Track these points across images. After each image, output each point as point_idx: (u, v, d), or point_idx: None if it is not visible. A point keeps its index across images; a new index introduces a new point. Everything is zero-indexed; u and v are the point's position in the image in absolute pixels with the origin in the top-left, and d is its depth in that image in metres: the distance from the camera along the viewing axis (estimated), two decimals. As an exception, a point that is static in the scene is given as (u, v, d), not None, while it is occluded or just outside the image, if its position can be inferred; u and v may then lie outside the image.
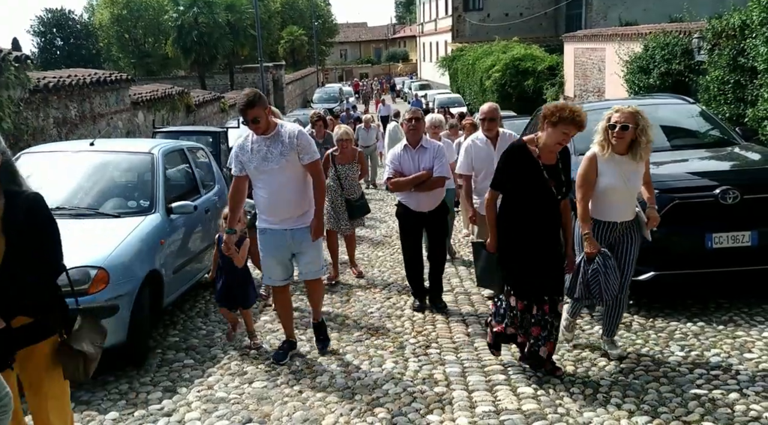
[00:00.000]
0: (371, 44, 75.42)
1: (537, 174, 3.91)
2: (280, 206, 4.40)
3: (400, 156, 5.41)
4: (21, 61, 7.86)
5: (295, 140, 4.30)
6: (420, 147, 5.38)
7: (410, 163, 5.35)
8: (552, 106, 3.98)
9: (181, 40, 28.50)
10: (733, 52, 9.06)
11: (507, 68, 21.99)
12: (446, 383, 4.18)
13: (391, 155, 5.51)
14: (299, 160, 4.33)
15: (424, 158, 5.35)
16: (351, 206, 6.71)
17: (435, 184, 5.34)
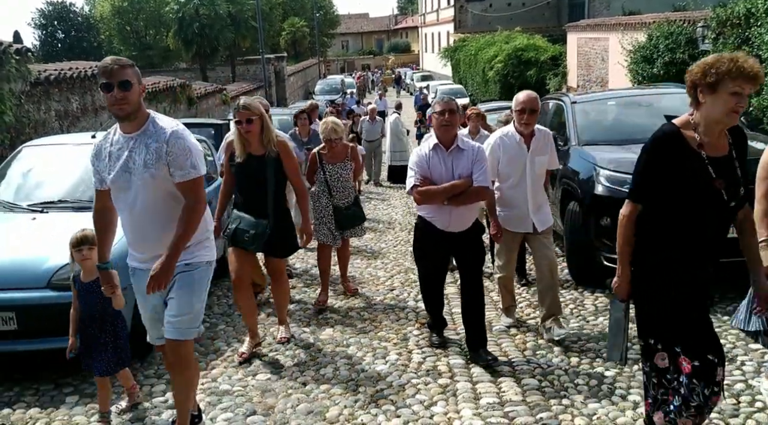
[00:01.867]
0: (373, 35, 75.14)
1: (700, 172, 2.64)
2: (145, 237, 3.17)
3: (429, 158, 4.21)
4: (22, 53, 7.83)
5: (165, 146, 3.00)
6: (455, 148, 4.21)
7: (442, 168, 4.18)
8: (699, 64, 2.71)
9: (183, 32, 28.36)
10: (738, 41, 8.98)
11: (509, 59, 21.86)
12: (450, 375, 4.17)
13: (417, 156, 4.27)
14: (170, 175, 3.04)
15: (460, 162, 4.18)
16: (339, 213, 5.64)
17: (475, 196, 4.19)
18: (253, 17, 29.11)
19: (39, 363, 4.42)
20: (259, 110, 4.30)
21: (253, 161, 4.38)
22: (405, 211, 10.20)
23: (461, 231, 4.26)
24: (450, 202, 4.12)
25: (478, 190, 4.16)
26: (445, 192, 4.12)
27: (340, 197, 5.67)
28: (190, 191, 3.06)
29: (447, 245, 4.33)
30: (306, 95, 34.46)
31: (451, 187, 4.12)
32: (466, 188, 4.14)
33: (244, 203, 4.51)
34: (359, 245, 7.98)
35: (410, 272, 6.62)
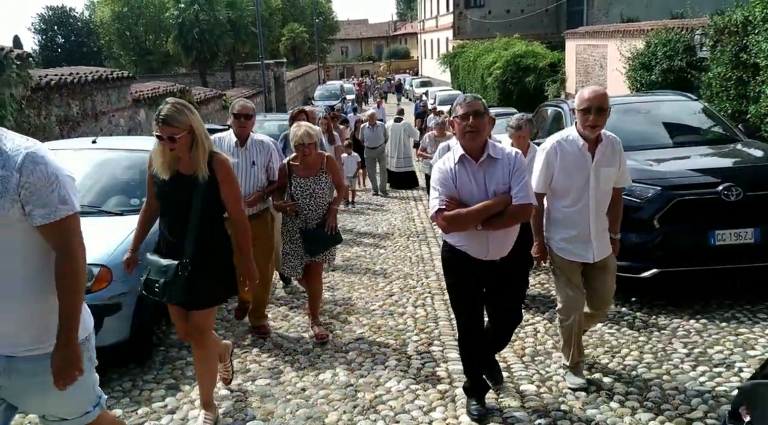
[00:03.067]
0: (372, 41, 75.34)
1: None
2: None
3: (455, 174, 3.39)
4: (23, 59, 7.86)
5: (17, 175, 2.10)
6: (486, 158, 3.37)
7: (472, 184, 3.36)
8: None
9: (182, 37, 28.42)
10: (736, 49, 9.03)
11: (508, 65, 21.95)
12: (449, 380, 4.18)
13: (440, 173, 3.44)
14: (25, 216, 2.13)
15: (493, 176, 3.35)
16: (308, 236, 4.82)
17: (515, 217, 3.33)
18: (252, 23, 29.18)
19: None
20: (187, 123, 3.29)
21: (179, 182, 3.39)
22: (404, 216, 10.23)
23: (503, 258, 3.46)
24: (485, 226, 3.30)
25: (519, 209, 3.29)
26: (477, 215, 3.28)
27: (312, 217, 4.82)
28: (62, 237, 2.18)
29: (482, 277, 3.47)
30: (305, 101, 34.52)
31: (485, 208, 3.28)
32: (504, 207, 3.29)
33: (163, 236, 3.52)
34: (358, 250, 8.01)
35: (409, 278, 6.64)
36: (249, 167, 4.90)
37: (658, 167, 5.49)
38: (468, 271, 3.46)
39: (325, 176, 4.87)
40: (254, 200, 4.85)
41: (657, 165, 5.53)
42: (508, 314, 3.62)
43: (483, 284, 3.51)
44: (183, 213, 3.40)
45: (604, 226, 3.84)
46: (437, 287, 6.25)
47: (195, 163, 3.35)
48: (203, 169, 3.34)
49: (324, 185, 4.86)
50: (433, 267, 6.99)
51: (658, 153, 5.85)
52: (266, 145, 5.01)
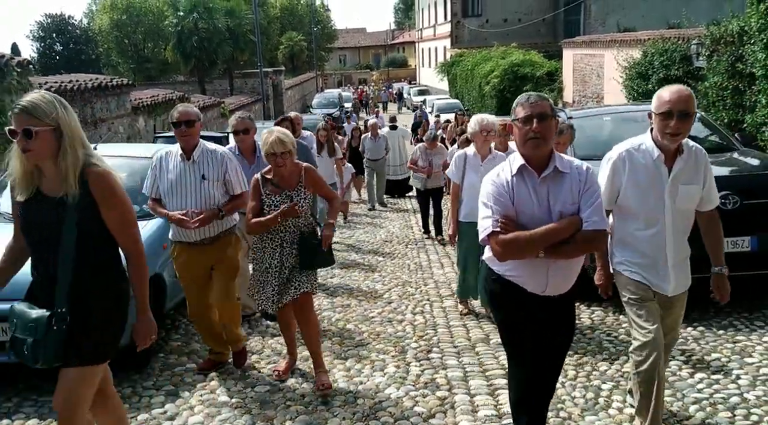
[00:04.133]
0: (370, 50, 75.58)
1: None
2: None
3: (512, 188, 2.76)
4: (23, 66, 7.89)
5: None
6: (552, 171, 2.74)
7: (533, 202, 2.74)
8: None
9: (181, 45, 28.52)
10: (732, 59, 9.11)
11: (506, 74, 22.08)
12: (448, 387, 4.19)
13: (493, 186, 2.79)
14: None
15: (559, 193, 2.73)
16: (305, 245, 4.12)
17: (586, 246, 2.73)
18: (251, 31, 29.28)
19: (38, 374, 4.42)
20: (54, 118, 2.53)
21: (41, 205, 2.60)
22: (402, 224, 10.25)
23: (561, 295, 2.85)
24: (548, 254, 2.69)
25: (592, 236, 2.67)
26: (541, 241, 2.66)
27: (288, 239, 4.12)
28: None
29: (539, 317, 2.86)
30: (303, 109, 34.63)
31: (551, 233, 2.66)
32: (573, 232, 2.67)
33: (34, 277, 2.73)
34: (356, 258, 8.02)
35: (407, 285, 6.66)
36: (197, 182, 4.25)
37: None
38: (520, 308, 2.86)
39: (305, 190, 4.10)
40: (205, 220, 4.16)
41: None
42: (554, 364, 2.98)
43: (537, 324, 2.87)
44: (51, 248, 2.58)
45: (685, 254, 3.23)
46: (436, 294, 6.27)
47: (61, 177, 2.53)
48: (72, 185, 2.52)
49: (303, 200, 4.07)
50: (431, 275, 7.01)
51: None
52: (220, 155, 4.34)
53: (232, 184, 4.38)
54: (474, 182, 5.14)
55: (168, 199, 4.30)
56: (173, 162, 4.33)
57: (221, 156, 4.35)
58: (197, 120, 4.33)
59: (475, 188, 4.99)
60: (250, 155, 5.37)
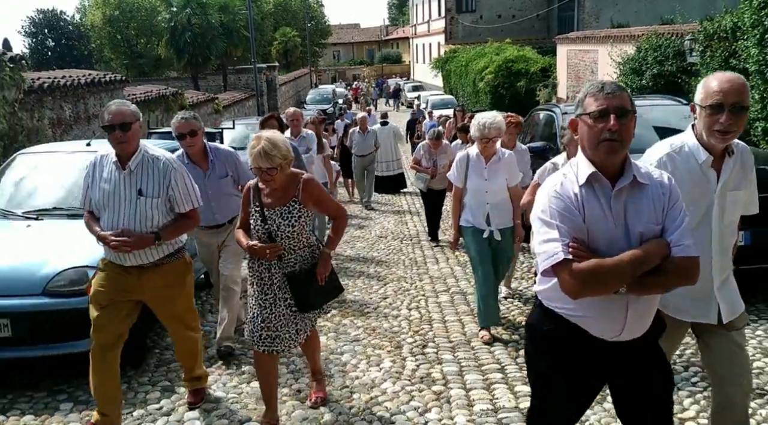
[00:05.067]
0: (364, 46, 75.44)
1: None
2: None
3: (582, 202, 2.17)
4: (16, 61, 7.85)
5: None
6: (632, 182, 2.18)
7: (606, 218, 2.16)
8: None
9: (175, 41, 28.37)
10: (725, 54, 9.15)
11: (500, 70, 22.08)
12: (444, 382, 4.21)
13: (553, 198, 2.19)
14: None
15: (640, 209, 2.17)
16: (297, 286, 3.48)
17: (681, 275, 2.14)
18: (245, 27, 29.16)
19: (33, 370, 4.42)
20: None
21: None
22: (397, 220, 10.26)
23: (634, 339, 2.25)
24: (631, 289, 2.10)
25: (684, 265, 2.12)
26: (630, 271, 2.07)
27: (292, 260, 3.50)
28: None
29: (606, 368, 2.29)
30: (298, 105, 34.57)
31: (639, 260, 2.07)
32: (661, 259, 2.11)
33: None
34: (351, 254, 8.03)
35: (403, 280, 6.67)
36: (132, 197, 3.47)
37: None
38: (580, 357, 2.26)
39: (300, 207, 3.45)
40: (133, 245, 3.41)
41: (648, 168, 5.59)
42: (655, 404, 2.30)
43: (595, 379, 2.34)
44: None
45: (729, 271, 2.78)
46: (431, 290, 6.28)
47: None
48: None
49: (296, 219, 3.42)
50: (426, 270, 7.02)
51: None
52: (163, 165, 3.51)
53: (177, 201, 3.56)
54: (477, 185, 4.91)
55: (101, 214, 3.54)
56: (108, 170, 3.54)
57: (165, 166, 3.51)
58: (135, 121, 3.46)
59: (478, 192, 4.91)
60: (202, 161, 4.58)
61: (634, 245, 2.12)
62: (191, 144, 4.49)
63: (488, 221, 4.91)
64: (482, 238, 4.92)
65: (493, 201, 4.90)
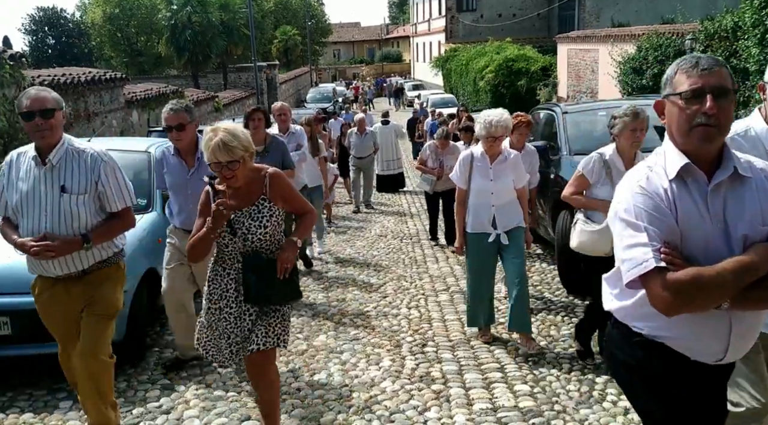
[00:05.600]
0: (364, 44, 75.41)
1: None
2: None
3: (671, 198, 1.83)
4: (16, 59, 7.84)
5: None
6: (732, 175, 1.84)
7: (702, 218, 1.82)
8: None
9: (175, 39, 28.37)
10: (726, 54, 9.15)
11: (500, 69, 22.09)
12: (443, 380, 4.21)
13: (641, 197, 1.83)
14: None
15: (742, 207, 1.83)
16: (252, 269, 3.02)
17: None
18: (245, 25, 29.14)
19: (33, 369, 4.42)
20: None
21: None
22: (397, 219, 10.25)
23: (728, 365, 1.95)
24: (735, 304, 1.79)
25: None
26: (736, 281, 1.74)
27: (264, 284, 3.02)
28: None
29: (704, 396, 1.95)
30: (298, 103, 34.55)
31: (745, 268, 1.75)
32: None
33: None
34: (351, 252, 8.03)
35: (402, 279, 6.67)
36: (55, 195, 3.08)
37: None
38: (684, 387, 1.92)
39: (270, 205, 3.06)
40: (59, 250, 3.02)
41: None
42: None
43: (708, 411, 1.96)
44: None
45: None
46: (431, 289, 6.28)
47: None
48: None
49: (267, 218, 3.03)
50: (426, 269, 7.02)
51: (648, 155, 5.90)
52: (91, 158, 3.14)
53: (108, 197, 3.17)
54: (482, 186, 4.66)
55: (19, 219, 3.16)
56: (25, 168, 3.14)
57: (93, 158, 3.13)
58: (58, 109, 3.08)
59: (483, 194, 4.65)
60: (189, 157, 4.22)
61: (736, 251, 1.79)
62: (179, 139, 4.13)
63: (494, 224, 4.67)
64: (487, 243, 4.68)
65: (499, 203, 4.66)
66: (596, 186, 4.09)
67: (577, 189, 4.20)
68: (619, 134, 3.97)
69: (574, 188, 4.21)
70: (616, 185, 2.71)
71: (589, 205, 4.15)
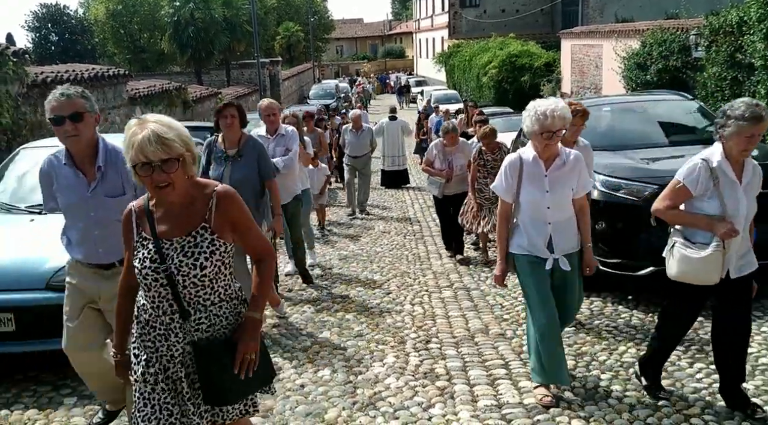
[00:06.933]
0: (367, 40, 75.24)
1: None
2: None
3: None
4: (19, 55, 7.84)
5: None
6: None
7: None
8: None
9: (178, 35, 28.35)
10: (731, 49, 9.09)
11: (503, 65, 22.03)
12: (447, 377, 4.20)
13: None
14: None
15: None
16: (206, 362, 2.28)
17: None
18: (248, 22, 29.10)
19: (37, 365, 4.42)
20: None
21: None
22: (401, 215, 10.24)
23: None
24: None
25: None
26: None
27: (205, 320, 2.32)
28: None
29: None
30: (301, 100, 34.52)
31: None
32: None
33: None
34: (354, 249, 8.01)
35: (406, 276, 6.65)
36: None
37: (654, 165, 5.53)
38: None
39: (213, 236, 2.29)
40: None
41: (653, 164, 5.57)
42: None
43: None
44: None
45: None
46: (434, 285, 6.27)
47: None
48: None
49: (207, 255, 2.26)
50: (429, 266, 7.01)
51: (654, 152, 5.88)
52: None
53: None
54: (536, 199, 3.63)
55: None
56: None
57: None
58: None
59: (537, 208, 3.64)
60: (87, 165, 3.14)
61: None
62: (75, 134, 3.02)
63: (550, 247, 3.66)
64: (543, 270, 3.68)
65: (557, 219, 3.64)
66: (701, 199, 3.32)
67: (675, 203, 3.40)
68: (731, 137, 3.24)
69: (670, 201, 3.40)
70: (725, 197, 2.47)
71: (693, 223, 3.37)
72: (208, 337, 2.31)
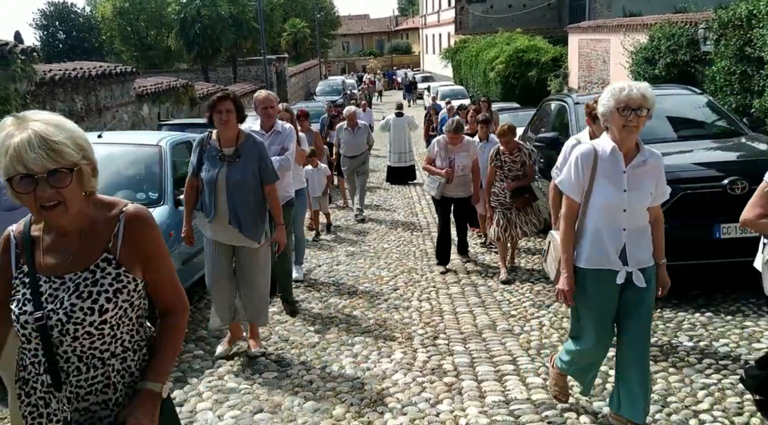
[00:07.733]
0: (374, 36, 75.16)
1: None
2: None
3: None
4: (27, 53, 7.87)
5: None
6: None
7: None
8: None
9: (184, 33, 28.42)
10: (740, 43, 9.01)
11: (510, 60, 21.93)
12: (455, 373, 4.20)
13: None
14: None
15: None
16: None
17: None
18: (254, 18, 29.15)
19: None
20: None
21: None
22: (408, 211, 10.23)
23: None
24: None
25: None
26: None
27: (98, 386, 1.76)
28: None
29: None
30: (307, 96, 34.53)
31: None
32: None
33: None
34: (362, 246, 8.02)
35: (413, 272, 6.65)
36: None
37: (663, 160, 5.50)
38: None
39: (119, 271, 1.78)
40: None
41: (662, 159, 5.54)
42: None
43: None
44: None
45: None
46: (441, 281, 6.26)
47: None
48: None
49: (108, 295, 1.74)
50: (436, 262, 6.99)
51: (662, 147, 5.78)
52: None
53: None
54: (612, 199, 3.05)
55: None
56: None
57: None
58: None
59: (613, 211, 3.06)
60: None
61: None
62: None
63: (624, 258, 3.10)
64: (612, 288, 3.14)
65: (633, 226, 3.09)
66: None
67: (766, 211, 2.94)
68: None
69: (762, 209, 2.95)
70: None
71: None
72: (90, 418, 1.75)
